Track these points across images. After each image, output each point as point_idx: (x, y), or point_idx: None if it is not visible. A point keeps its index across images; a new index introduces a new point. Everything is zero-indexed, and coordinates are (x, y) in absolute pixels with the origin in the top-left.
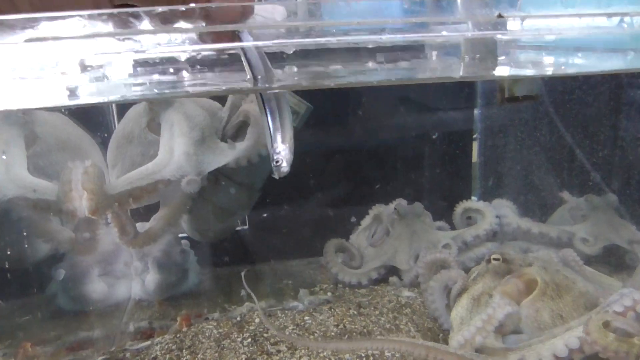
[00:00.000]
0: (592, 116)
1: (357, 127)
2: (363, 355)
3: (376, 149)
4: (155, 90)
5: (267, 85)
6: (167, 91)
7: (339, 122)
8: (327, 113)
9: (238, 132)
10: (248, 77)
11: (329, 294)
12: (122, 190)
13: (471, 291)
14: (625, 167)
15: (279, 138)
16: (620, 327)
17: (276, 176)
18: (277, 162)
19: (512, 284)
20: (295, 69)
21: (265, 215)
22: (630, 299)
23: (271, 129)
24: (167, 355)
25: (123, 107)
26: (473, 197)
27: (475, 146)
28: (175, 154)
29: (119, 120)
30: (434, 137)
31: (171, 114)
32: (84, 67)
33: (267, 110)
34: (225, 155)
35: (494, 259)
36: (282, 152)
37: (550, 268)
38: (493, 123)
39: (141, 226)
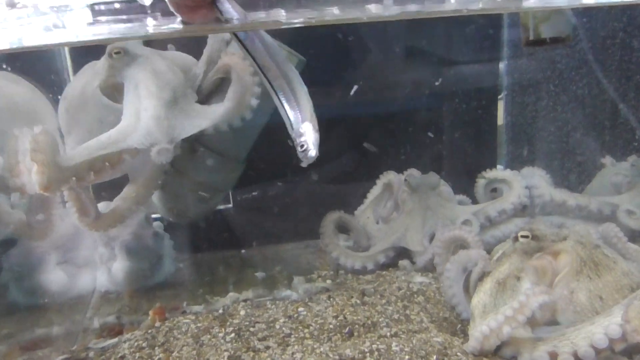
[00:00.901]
0: (637, 63)
1: (361, 85)
2: (367, 350)
3: (384, 111)
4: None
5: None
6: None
7: (339, 79)
8: (325, 68)
9: (217, 91)
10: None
11: (329, 281)
12: (79, 162)
13: (495, 274)
14: None
15: (298, 117)
16: None
17: (303, 163)
18: (302, 146)
19: (543, 261)
20: (284, 12)
21: (253, 191)
22: None
23: (287, 110)
24: (137, 354)
25: (79, 63)
26: (499, 166)
27: (501, 105)
28: (142, 119)
29: None
30: (451, 102)
31: (136, 71)
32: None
33: (277, 89)
34: (202, 119)
35: (522, 236)
36: (307, 133)
37: (588, 243)
38: (522, 77)
39: (105, 206)
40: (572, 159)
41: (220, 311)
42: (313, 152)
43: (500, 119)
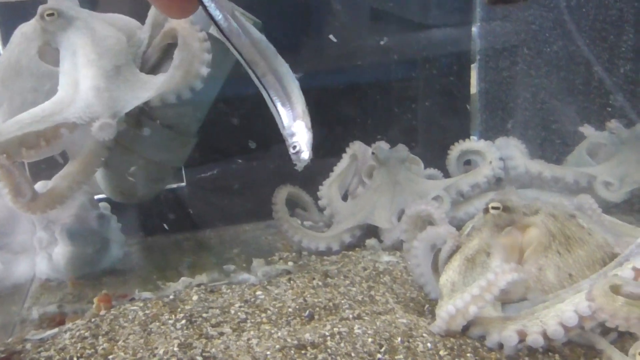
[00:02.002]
0: (612, 22)
1: (324, 52)
2: (327, 333)
3: (351, 79)
4: None
5: None
6: None
7: (301, 45)
8: (285, 32)
9: (163, 59)
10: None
11: (290, 263)
12: (10, 137)
13: (465, 250)
14: None
15: (288, 115)
16: (632, 291)
17: (298, 167)
18: (294, 147)
19: (512, 236)
20: None
21: (209, 169)
22: None
23: (277, 108)
24: (79, 345)
25: (9, 28)
26: (473, 136)
27: (474, 72)
28: (80, 90)
29: (4, 46)
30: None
31: (73, 36)
32: None
33: (266, 86)
34: (148, 89)
35: (493, 208)
36: (299, 133)
37: (561, 215)
38: (495, 41)
39: (43, 186)
40: (549, 128)
41: (171, 297)
42: (306, 154)
43: (474, 87)
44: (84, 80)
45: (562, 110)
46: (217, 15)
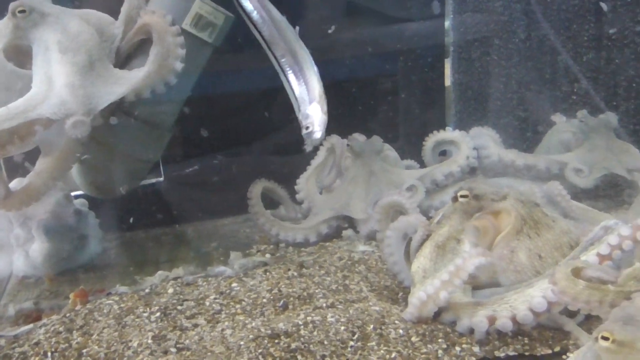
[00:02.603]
0: (575, 12)
1: None
2: (301, 322)
3: (325, 73)
4: None
5: None
6: None
7: None
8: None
9: (137, 54)
10: None
11: (268, 255)
12: None
13: (435, 237)
14: (614, 74)
15: (305, 98)
16: (593, 275)
17: (308, 147)
18: (307, 128)
19: (484, 220)
20: None
21: (187, 164)
22: (616, 235)
23: (294, 89)
24: (53, 339)
25: None
26: (448, 127)
27: (448, 64)
28: (54, 86)
29: None
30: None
31: (45, 33)
32: None
33: (285, 67)
34: (121, 84)
35: (462, 196)
36: (314, 115)
37: (528, 202)
38: (467, 32)
39: (18, 183)
40: (521, 117)
41: (147, 291)
42: (319, 134)
43: (448, 79)
44: (57, 77)
45: (532, 99)
46: None
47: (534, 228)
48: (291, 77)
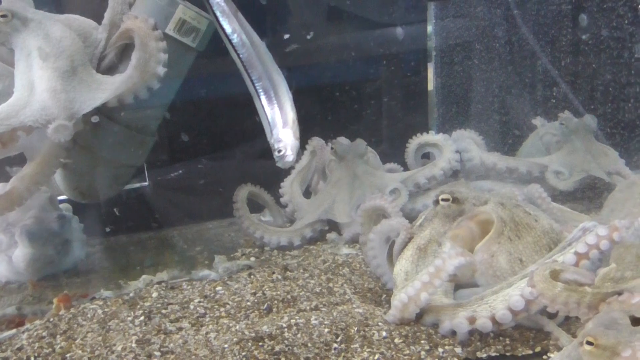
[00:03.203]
0: (553, 17)
1: (282, 50)
2: (285, 325)
3: (310, 78)
4: None
5: None
6: None
7: None
8: None
9: (120, 59)
10: None
11: (252, 258)
12: None
13: (417, 240)
14: (591, 78)
15: (279, 122)
16: (570, 277)
17: (279, 164)
18: (279, 151)
19: (464, 226)
20: None
21: (172, 168)
22: (594, 235)
23: (267, 114)
24: (36, 344)
25: None
26: (431, 131)
27: (430, 68)
28: (36, 92)
29: None
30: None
31: (27, 38)
32: None
33: (260, 90)
34: (104, 89)
35: (443, 200)
36: (286, 139)
37: (509, 204)
38: (449, 37)
39: (1, 188)
40: (502, 120)
41: (131, 295)
42: (290, 157)
43: (431, 83)
44: (39, 82)
45: (513, 102)
46: (221, 15)
47: (514, 230)
48: (265, 100)
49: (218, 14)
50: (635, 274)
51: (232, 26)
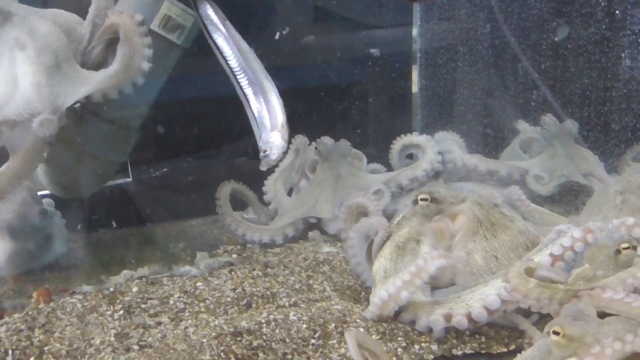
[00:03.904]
0: (534, 21)
1: (267, 51)
2: (263, 321)
3: (295, 79)
4: None
5: None
6: None
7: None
8: None
9: (105, 54)
10: None
11: (234, 255)
12: None
13: (395, 238)
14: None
15: (267, 125)
16: (545, 275)
17: (263, 167)
18: (265, 151)
19: (441, 223)
20: None
21: (156, 165)
22: (569, 237)
23: (257, 119)
24: (14, 337)
25: None
26: (415, 132)
27: (415, 70)
28: (19, 86)
29: None
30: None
31: (10, 32)
32: None
33: (249, 97)
34: (88, 84)
35: (422, 199)
36: (272, 140)
37: (486, 204)
38: (433, 40)
39: None
40: (485, 122)
41: (111, 289)
42: (274, 155)
43: (415, 85)
44: (23, 77)
45: (495, 105)
46: (209, 22)
47: (490, 229)
48: (255, 106)
49: (206, 22)
50: (607, 273)
51: (220, 34)
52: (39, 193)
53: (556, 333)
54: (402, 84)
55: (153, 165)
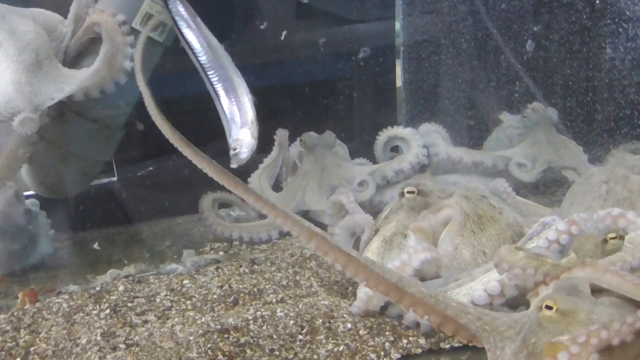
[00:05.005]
0: (515, 12)
1: (250, 46)
2: (250, 317)
3: (278, 74)
4: None
5: None
6: None
7: (225, 37)
8: (210, 26)
9: (86, 52)
10: None
11: (221, 253)
12: None
13: (382, 232)
14: (552, 72)
15: (237, 122)
16: (536, 252)
17: (232, 164)
18: (234, 149)
19: (427, 220)
20: None
21: (141, 164)
22: (554, 230)
23: (227, 115)
24: (0, 338)
25: None
26: (400, 126)
27: (399, 64)
28: (0, 85)
29: None
30: None
31: None
32: None
33: (219, 92)
34: (70, 83)
35: (408, 192)
36: (243, 139)
37: (473, 197)
38: (416, 32)
39: None
40: (469, 114)
41: (98, 289)
42: (244, 154)
43: (399, 79)
44: (3, 75)
45: (479, 97)
46: (179, 18)
47: (477, 223)
48: (224, 102)
49: (177, 18)
50: (594, 261)
51: (190, 30)
52: (24, 193)
53: (549, 307)
54: (385, 78)
55: (138, 164)
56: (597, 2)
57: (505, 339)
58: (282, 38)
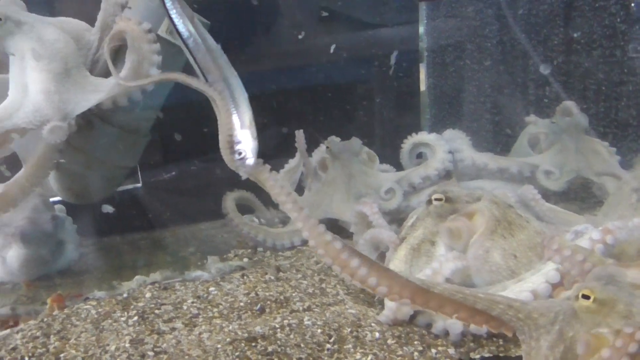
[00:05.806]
0: (544, 16)
1: (275, 52)
2: (277, 325)
3: (302, 80)
4: None
5: None
6: None
7: (249, 46)
8: (233, 33)
9: (114, 61)
10: None
11: (245, 259)
12: None
13: (410, 240)
14: (583, 77)
15: (236, 122)
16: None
17: (242, 174)
18: (239, 153)
19: (458, 222)
20: None
21: (165, 170)
22: (588, 240)
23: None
24: (30, 344)
25: None
26: (423, 131)
27: (422, 69)
28: (29, 94)
29: None
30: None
31: (21, 41)
32: None
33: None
34: (98, 91)
35: (436, 199)
36: (245, 141)
37: (501, 203)
38: (440, 37)
39: None
40: (494, 120)
41: (125, 295)
42: (251, 160)
43: (423, 83)
44: (33, 85)
45: (505, 102)
46: (177, 19)
47: (507, 229)
48: (223, 103)
49: (175, 19)
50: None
51: (188, 30)
52: (51, 199)
53: (586, 297)
54: (409, 82)
55: (162, 170)
56: (632, 4)
57: (539, 327)
58: (300, 37)
